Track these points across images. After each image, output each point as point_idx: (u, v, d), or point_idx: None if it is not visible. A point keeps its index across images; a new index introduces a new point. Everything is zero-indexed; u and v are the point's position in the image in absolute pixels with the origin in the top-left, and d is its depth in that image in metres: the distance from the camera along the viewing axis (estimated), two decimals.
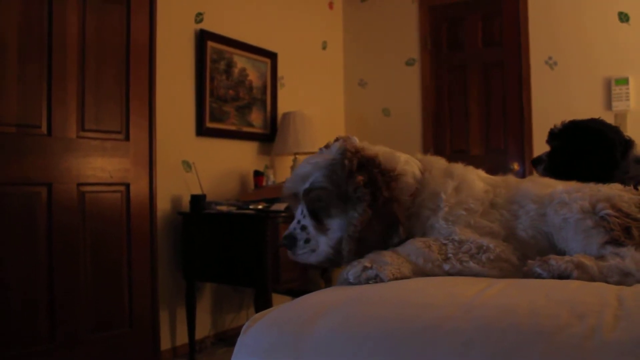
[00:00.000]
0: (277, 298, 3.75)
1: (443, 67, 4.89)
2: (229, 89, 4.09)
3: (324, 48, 5.14)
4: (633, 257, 1.13)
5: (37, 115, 2.71)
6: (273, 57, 4.46)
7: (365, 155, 1.31)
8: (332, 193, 1.29)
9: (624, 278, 1.10)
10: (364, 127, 5.10)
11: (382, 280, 1.13)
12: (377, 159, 1.32)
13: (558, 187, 1.35)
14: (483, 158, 4.61)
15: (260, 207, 3.50)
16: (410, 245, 1.22)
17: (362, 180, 1.26)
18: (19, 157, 2.64)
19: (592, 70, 4.16)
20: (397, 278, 1.14)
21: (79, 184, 2.87)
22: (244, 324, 1.05)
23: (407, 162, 1.37)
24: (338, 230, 1.29)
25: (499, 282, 1.07)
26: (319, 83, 5.05)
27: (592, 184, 1.35)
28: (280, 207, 3.36)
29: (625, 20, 4.05)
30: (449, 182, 1.34)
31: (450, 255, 1.19)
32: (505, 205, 1.34)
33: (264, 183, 4.02)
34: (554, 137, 2.08)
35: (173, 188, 3.66)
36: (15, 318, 2.59)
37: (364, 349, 0.88)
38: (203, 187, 3.73)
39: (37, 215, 2.70)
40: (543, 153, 2.14)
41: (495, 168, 3.92)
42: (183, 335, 3.65)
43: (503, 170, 4.04)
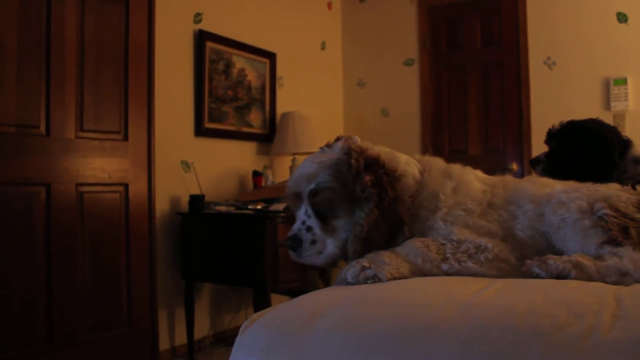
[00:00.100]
0: (276, 298, 3.75)
1: (442, 67, 4.89)
2: (228, 89, 4.09)
3: (323, 48, 5.14)
4: (631, 256, 1.14)
5: (35, 116, 2.70)
6: (272, 57, 4.46)
7: (370, 155, 1.31)
8: (339, 193, 1.27)
9: (622, 278, 1.10)
10: (363, 127, 5.10)
11: (380, 280, 1.13)
12: (381, 159, 1.31)
13: (556, 187, 1.36)
14: (482, 158, 4.61)
15: (259, 207, 3.50)
16: (409, 245, 1.23)
17: (370, 181, 1.25)
18: (18, 157, 2.63)
19: (590, 71, 4.17)
20: (395, 278, 1.15)
21: (78, 184, 2.86)
22: (242, 324, 1.05)
23: (407, 162, 1.37)
24: (344, 231, 1.28)
25: (497, 282, 1.08)
26: (318, 83, 5.05)
27: (590, 184, 1.35)
28: (279, 207, 3.36)
29: (624, 21, 4.06)
30: (448, 183, 1.34)
31: (449, 255, 1.20)
32: (503, 206, 1.34)
33: (263, 183, 4.03)
34: (553, 137, 2.09)
35: (172, 188, 3.66)
36: (14, 318, 2.59)
37: (362, 349, 0.88)
38: (202, 187, 3.73)
39: (35, 216, 2.70)
40: (541, 153, 2.14)
41: (494, 168, 3.95)
42: (182, 336, 3.65)
43: (502, 171, 4.06)
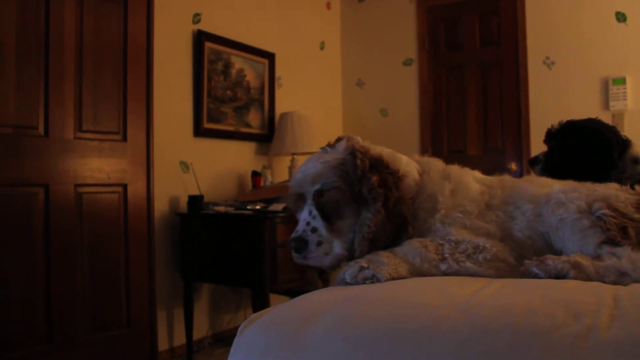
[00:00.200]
0: (274, 298, 3.75)
1: (441, 67, 4.89)
2: (227, 90, 4.09)
3: (322, 48, 5.14)
4: (629, 257, 1.14)
5: (34, 116, 2.70)
6: (271, 57, 4.46)
7: (374, 156, 1.31)
8: (345, 193, 1.26)
9: (621, 278, 1.10)
10: (362, 127, 5.10)
11: (379, 281, 1.13)
12: (384, 160, 1.31)
13: (554, 186, 1.35)
14: (481, 158, 4.61)
15: (258, 207, 3.50)
16: (407, 246, 1.23)
17: (377, 181, 1.25)
18: (16, 158, 2.63)
19: (589, 70, 4.17)
20: (394, 278, 1.14)
21: (77, 185, 2.86)
22: (241, 325, 1.05)
23: (407, 163, 1.37)
24: (350, 232, 1.27)
25: (496, 282, 1.08)
26: (317, 83, 5.05)
27: (588, 184, 1.35)
28: (278, 207, 3.36)
29: (623, 20, 4.06)
30: (446, 184, 1.34)
31: (447, 255, 1.20)
32: (501, 207, 1.34)
33: (262, 183, 4.03)
34: (552, 137, 2.08)
35: (171, 189, 3.66)
36: (13, 319, 2.58)
37: (361, 349, 0.88)
38: (201, 187, 3.73)
39: (34, 216, 2.69)
40: (540, 153, 2.14)
41: (493, 168, 3.95)
42: (181, 336, 3.65)
43: (501, 170, 4.06)
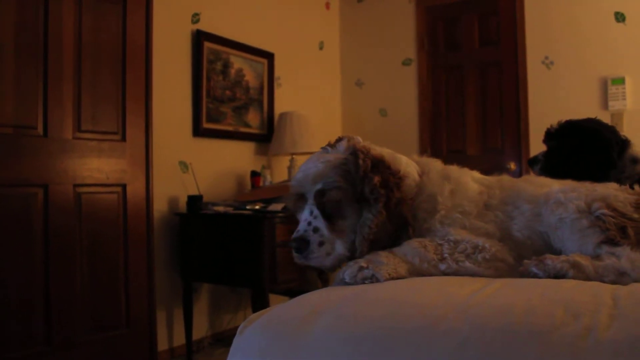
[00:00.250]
0: (274, 298, 3.75)
1: (440, 67, 4.89)
2: (226, 90, 4.09)
3: (321, 48, 5.14)
4: (628, 256, 1.14)
5: (33, 116, 2.70)
6: (270, 57, 4.46)
7: (376, 156, 1.30)
8: (347, 193, 1.26)
9: (620, 277, 1.10)
10: (361, 127, 5.10)
11: (378, 280, 1.13)
12: (386, 160, 1.31)
13: (553, 186, 1.36)
14: (480, 158, 4.61)
15: (257, 207, 3.50)
16: (407, 246, 1.23)
17: (379, 181, 1.24)
18: (15, 158, 2.62)
19: (588, 70, 4.17)
20: (393, 278, 1.14)
21: (76, 185, 2.86)
22: (240, 325, 1.05)
23: (407, 164, 1.37)
24: (352, 232, 1.26)
25: (495, 281, 1.08)
26: (316, 83, 5.05)
27: (587, 184, 1.35)
28: (277, 207, 3.35)
29: (621, 20, 4.06)
30: (446, 185, 1.34)
31: (446, 255, 1.20)
32: (500, 207, 1.34)
33: (261, 183, 4.02)
34: (551, 136, 2.09)
35: (170, 189, 3.65)
36: (12, 320, 2.58)
37: (360, 349, 0.88)
38: (200, 187, 3.73)
39: (33, 217, 2.69)
40: (539, 153, 2.14)
41: (492, 168, 3.95)
42: (180, 336, 3.64)
43: (500, 170, 4.06)
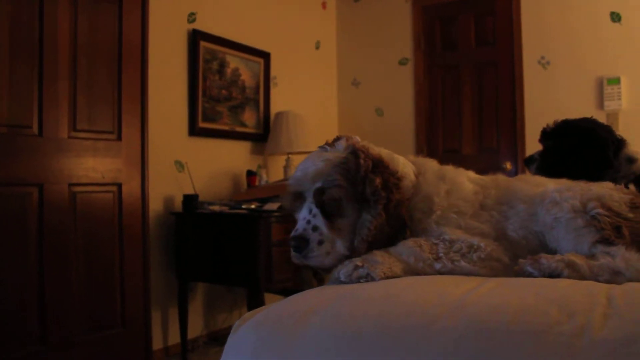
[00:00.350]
0: (269, 298, 3.75)
1: (436, 66, 4.90)
2: (222, 89, 4.08)
3: (317, 48, 5.14)
4: (623, 256, 1.14)
5: (28, 116, 2.69)
6: (266, 56, 4.45)
7: (375, 156, 1.30)
8: (347, 192, 1.25)
9: (614, 277, 1.10)
10: (357, 126, 5.10)
11: (373, 279, 1.13)
12: (385, 161, 1.31)
13: (549, 185, 1.36)
14: (476, 157, 4.62)
15: (253, 206, 3.50)
16: (402, 245, 1.23)
17: (380, 183, 1.24)
18: (10, 157, 2.62)
19: (584, 70, 4.18)
20: (388, 277, 1.14)
21: (71, 184, 2.85)
22: (235, 323, 1.05)
23: (404, 164, 1.37)
24: (351, 231, 1.25)
25: (490, 281, 1.08)
26: (312, 83, 5.05)
27: (583, 183, 1.35)
28: (273, 206, 3.35)
29: (617, 20, 4.07)
30: (442, 185, 1.34)
31: (442, 255, 1.19)
32: (495, 207, 1.34)
33: (257, 183, 4.02)
34: (547, 136, 2.09)
35: (165, 188, 3.65)
36: (6, 319, 2.57)
37: (354, 348, 0.88)
38: (195, 187, 3.72)
39: (28, 216, 2.68)
40: (536, 152, 2.14)
41: (488, 167, 3.95)
42: (175, 335, 3.64)
43: (495, 170, 4.06)
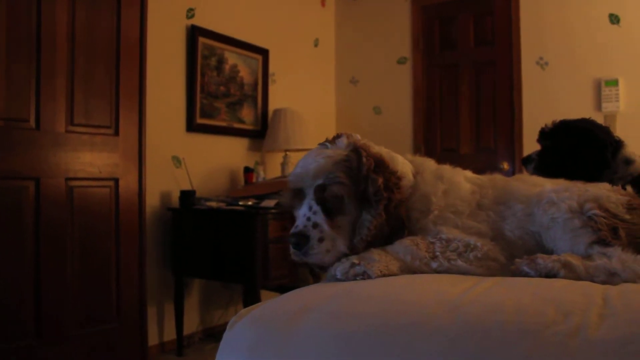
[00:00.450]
0: (266, 294, 3.75)
1: (434, 65, 4.90)
2: (220, 85, 4.08)
3: (316, 45, 5.13)
4: (619, 257, 1.14)
5: (25, 109, 2.68)
6: (264, 53, 4.45)
7: (376, 155, 1.29)
8: (349, 189, 1.24)
9: (610, 278, 1.11)
10: (355, 124, 5.10)
11: (369, 277, 1.13)
12: (385, 160, 1.30)
13: (546, 186, 1.36)
14: (473, 157, 4.62)
15: (250, 203, 3.49)
16: (399, 244, 1.23)
17: (382, 182, 1.23)
18: (7, 151, 2.60)
19: (582, 72, 4.18)
20: (385, 275, 1.14)
21: (68, 179, 2.84)
22: (230, 320, 1.05)
23: (403, 164, 1.37)
24: (351, 230, 1.25)
25: (486, 280, 1.08)
26: (311, 80, 5.04)
27: (580, 184, 1.36)
28: (270, 203, 3.35)
29: (616, 22, 4.08)
30: (439, 185, 1.34)
31: (438, 254, 1.20)
32: (492, 206, 1.34)
33: (254, 179, 4.02)
34: (545, 136, 2.09)
35: (162, 184, 3.64)
36: (2, 313, 2.56)
37: (350, 345, 0.88)
38: (193, 183, 3.72)
39: (24, 210, 2.67)
40: (533, 152, 2.14)
41: (485, 167, 3.95)
42: (171, 331, 3.64)
43: (493, 170, 4.06)
